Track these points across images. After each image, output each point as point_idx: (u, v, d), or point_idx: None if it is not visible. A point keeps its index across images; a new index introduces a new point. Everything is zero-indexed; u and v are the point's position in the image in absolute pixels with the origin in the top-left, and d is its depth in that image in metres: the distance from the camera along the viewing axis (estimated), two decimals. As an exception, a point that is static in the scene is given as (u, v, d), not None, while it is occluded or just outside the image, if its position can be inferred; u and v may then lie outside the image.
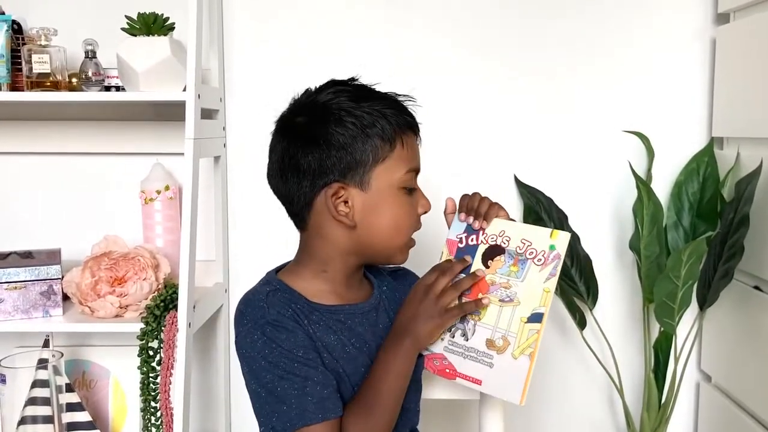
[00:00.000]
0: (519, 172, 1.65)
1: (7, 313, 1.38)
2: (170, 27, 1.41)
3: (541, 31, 1.62)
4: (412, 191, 1.02)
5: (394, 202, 0.99)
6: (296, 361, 0.94)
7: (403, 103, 1.03)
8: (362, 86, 1.02)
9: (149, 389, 1.37)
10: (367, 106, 0.97)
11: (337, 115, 0.97)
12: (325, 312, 1.01)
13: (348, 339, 1.01)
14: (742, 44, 1.48)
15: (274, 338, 0.94)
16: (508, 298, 0.97)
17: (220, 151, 1.60)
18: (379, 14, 1.63)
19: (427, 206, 1.04)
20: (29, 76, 1.39)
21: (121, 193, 1.65)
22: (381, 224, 0.99)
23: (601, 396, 1.71)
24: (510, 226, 1.01)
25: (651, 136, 1.58)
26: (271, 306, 0.97)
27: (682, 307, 1.45)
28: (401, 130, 0.99)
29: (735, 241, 1.39)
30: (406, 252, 1.04)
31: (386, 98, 1.01)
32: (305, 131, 0.98)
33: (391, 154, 0.98)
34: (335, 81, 1.02)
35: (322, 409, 0.92)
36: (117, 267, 1.41)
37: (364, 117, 0.97)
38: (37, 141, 1.62)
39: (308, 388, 0.92)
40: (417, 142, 1.03)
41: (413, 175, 1.01)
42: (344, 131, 0.96)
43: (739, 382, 1.49)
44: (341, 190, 0.98)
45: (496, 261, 0.99)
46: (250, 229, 1.66)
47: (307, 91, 1.03)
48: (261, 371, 0.94)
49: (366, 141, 0.96)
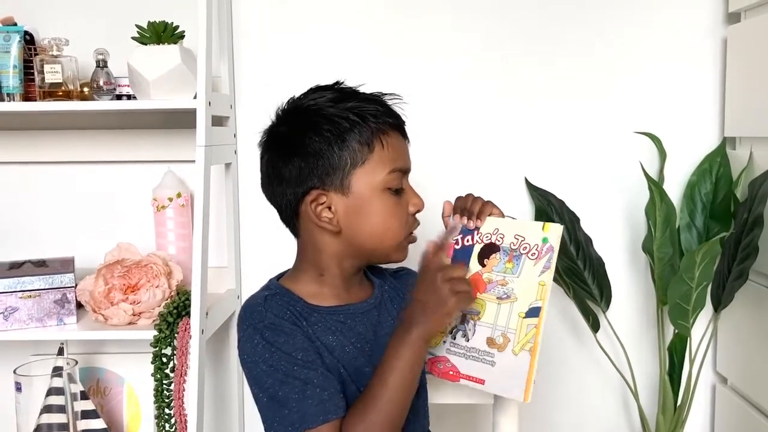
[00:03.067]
0: (530, 174, 1.64)
1: (22, 322, 1.39)
2: (180, 35, 1.41)
3: (552, 34, 1.62)
4: (399, 191, 1.01)
5: (378, 204, 0.99)
6: (296, 365, 0.94)
7: (388, 103, 1.02)
8: (344, 89, 1.02)
9: (163, 396, 1.37)
10: (346, 110, 0.97)
11: (314, 122, 0.97)
12: (325, 313, 1.01)
13: (348, 339, 1.01)
14: (753, 43, 1.48)
15: (273, 342, 0.95)
16: (506, 295, 0.97)
17: (231, 157, 1.61)
18: (388, 19, 1.63)
19: (419, 204, 1.03)
20: (41, 86, 1.40)
21: (134, 200, 1.65)
22: (367, 227, 0.99)
23: (616, 399, 1.70)
24: (503, 223, 1.01)
25: (663, 136, 1.57)
26: (268, 310, 0.98)
27: (696, 308, 1.44)
28: (381, 131, 0.98)
29: (749, 241, 1.38)
30: (403, 250, 1.03)
31: (369, 99, 1.01)
32: (285, 140, 1.00)
33: (370, 156, 0.97)
34: (318, 86, 1.03)
35: (323, 411, 0.92)
36: (130, 274, 1.42)
37: (341, 122, 0.97)
38: (49, 150, 1.63)
39: (308, 391, 0.93)
40: (402, 142, 1.02)
41: (398, 175, 1.00)
42: (320, 138, 0.97)
43: (755, 383, 1.48)
44: (322, 197, 0.98)
45: (492, 259, 0.99)
46: (261, 236, 1.66)
47: (290, 99, 1.04)
48: (262, 376, 0.95)
49: (342, 146, 0.97)
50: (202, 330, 1.33)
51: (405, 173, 1.02)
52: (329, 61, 1.63)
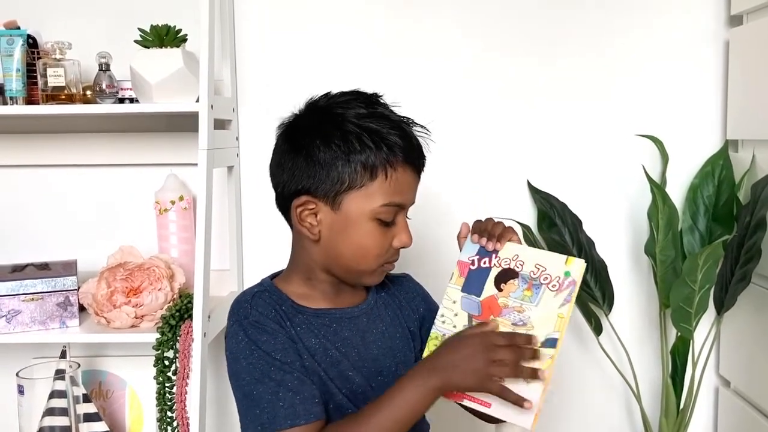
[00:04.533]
0: (532, 177, 1.64)
1: (25, 325, 1.39)
2: (183, 38, 1.42)
3: (553, 36, 1.62)
4: (390, 223, 0.99)
5: (363, 229, 0.97)
6: (273, 365, 0.94)
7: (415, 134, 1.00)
8: (377, 106, 1.00)
9: (165, 399, 1.38)
10: (366, 130, 0.95)
11: (329, 132, 0.96)
12: (310, 315, 1.01)
13: (332, 343, 1.01)
14: (755, 46, 1.47)
15: (255, 340, 0.96)
16: (521, 322, 0.94)
17: (233, 160, 1.61)
18: (389, 21, 1.63)
19: (406, 242, 1.00)
20: (44, 90, 1.41)
21: (136, 203, 1.66)
22: (345, 246, 0.98)
23: (619, 402, 1.70)
24: (523, 251, 0.99)
25: (665, 139, 1.57)
26: (254, 307, 0.99)
27: (699, 311, 1.44)
28: (390, 163, 0.96)
29: (752, 244, 1.37)
30: (376, 276, 1.02)
31: (396, 126, 0.98)
32: (297, 136, 0.99)
33: (370, 183, 0.96)
34: (357, 92, 1.01)
35: (293, 414, 0.92)
36: (132, 277, 1.42)
37: (353, 142, 0.95)
38: (52, 153, 1.63)
39: (281, 393, 0.93)
40: (411, 178, 0.99)
41: (392, 209, 0.98)
42: (327, 150, 0.96)
43: (758, 386, 1.48)
44: (311, 203, 0.98)
45: (510, 284, 0.97)
46: (263, 238, 1.67)
47: (325, 94, 1.02)
48: (241, 372, 0.96)
49: (346, 165, 0.95)
50: (205, 333, 1.33)
51: (402, 208, 1.00)
52: (332, 64, 1.63)
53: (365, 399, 0.97)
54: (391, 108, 1.01)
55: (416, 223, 1.06)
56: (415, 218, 1.05)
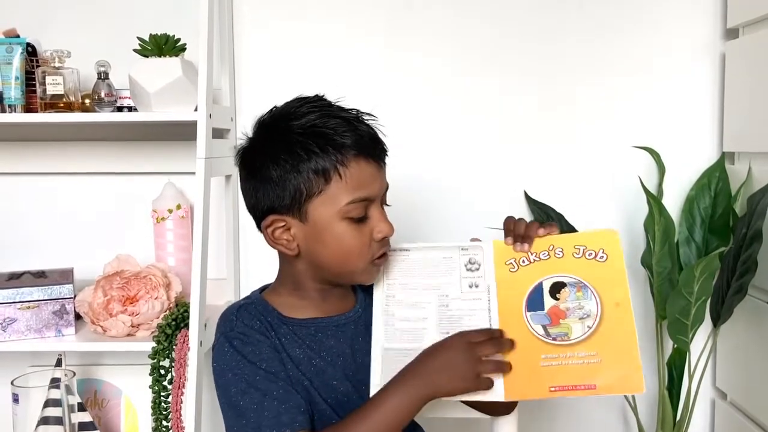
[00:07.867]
0: (529, 188, 1.65)
1: (20, 333, 1.39)
2: (181, 48, 1.42)
3: (550, 48, 1.63)
4: (363, 219, 0.98)
5: (337, 232, 0.97)
6: (258, 375, 0.94)
7: (362, 126, 0.98)
8: (322, 107, 0.98)
9: (161, 408, 1.37)
10: (311, 136, 0.94)
11: (275, 148, 0.96)
12: (295, 326, 1.01)
13: (316, 352, 1.00)
14: (751, 59, 1.48)
15: (240, 351, 0.96)
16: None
17: (231, 170, 1.61)
18: (388, 33, 1.64)
19: (387, 231, 0.98)
20: (43, 98, 1.41)
21: (133, 212, 1.66)
22: (327, 254, 0.98)
23: (616, 414, 1.70)
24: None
25: (662, 151, 1.58)
26: (239, 319, 0.99)
27: (695, 323, 1.44)
28: (341, 162, 0.95)
29: (748, 256, 1.38)
30: (369, 273, 1.01)
31: (342, 123, 0.96)
32: (248, 160, 1.00)
33: (327, 186, 0.95)
34: (299, 98, 1.01)
35: (278, 424, 0.92)
36: (129, 286, 1.42)
37: (299, 153, 0.94)
38: (50, 161, 1.64)
39: (266, 403, 0.93)
40: (371, 169, 0.97)
41: (359, 205, 0.96)
42: (276, 167, 0.96)
43: (755, 399, 1.47)
44: (279, 222, 0.98)
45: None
46: (260, 248, 1.64)
47: (272, 109, 1.02)
48: (228, 384, 0.96)
49: (298, 176, 0.95)
50: (201, 342, 1.33)
51: (370, 201, 0.98)
52: (329, 73, 1.63)
53: (351, 408, 0.96)
54: (336, 104, 1.00)
55: (414, 236, 1.06)
56: (412, 231, 1.05)
